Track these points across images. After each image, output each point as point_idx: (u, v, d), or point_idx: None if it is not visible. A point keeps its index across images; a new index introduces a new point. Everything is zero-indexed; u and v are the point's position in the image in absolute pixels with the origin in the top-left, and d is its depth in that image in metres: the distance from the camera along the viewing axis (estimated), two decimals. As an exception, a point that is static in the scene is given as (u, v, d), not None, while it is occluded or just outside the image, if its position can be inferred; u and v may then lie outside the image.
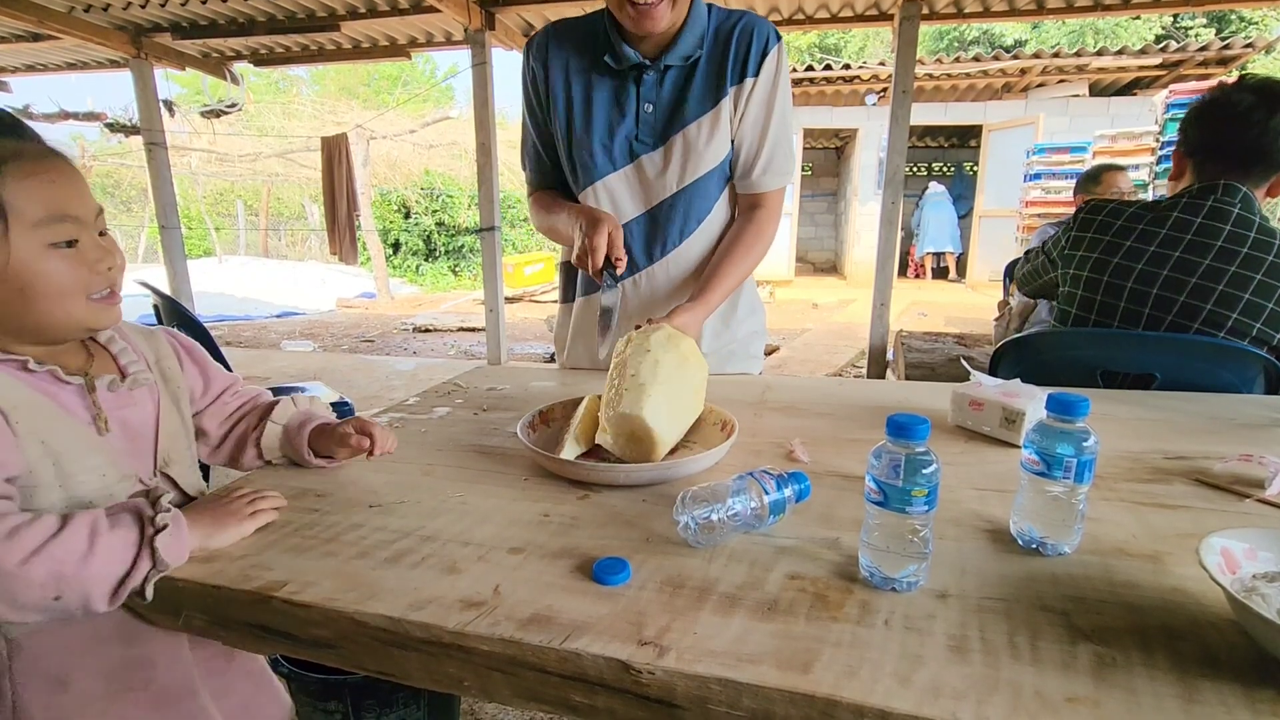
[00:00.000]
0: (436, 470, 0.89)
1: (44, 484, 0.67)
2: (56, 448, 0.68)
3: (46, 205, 0.66)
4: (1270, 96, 1.23)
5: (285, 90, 17.00)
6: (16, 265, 0.65)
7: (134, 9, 4.82)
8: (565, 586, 0.62)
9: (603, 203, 1.22)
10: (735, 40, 1.15)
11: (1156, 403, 1.15)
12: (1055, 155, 7.02)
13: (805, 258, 12.95)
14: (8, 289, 0.65)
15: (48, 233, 0.66)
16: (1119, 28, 12.40)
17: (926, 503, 0.58)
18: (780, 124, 1.20)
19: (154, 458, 0.78)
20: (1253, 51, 7.23)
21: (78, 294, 0.69)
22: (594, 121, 1.19)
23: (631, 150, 1.19)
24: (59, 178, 0.68)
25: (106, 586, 0.62)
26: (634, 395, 0.85)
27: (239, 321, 8.38)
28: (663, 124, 1.18)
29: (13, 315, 0.67)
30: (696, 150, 1.17)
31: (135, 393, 0.77)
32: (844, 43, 15.33)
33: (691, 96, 1.16)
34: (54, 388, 0.71)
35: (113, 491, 0.72)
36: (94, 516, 0.64)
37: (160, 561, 0.63)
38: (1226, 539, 0.57)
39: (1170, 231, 1.34)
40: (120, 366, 0.78)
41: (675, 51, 1.13)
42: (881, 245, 4.60)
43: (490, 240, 5.15)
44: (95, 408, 0.73)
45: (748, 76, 1.15)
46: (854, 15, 4.87)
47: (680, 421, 0.92)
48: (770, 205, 1.25)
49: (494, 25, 4.82)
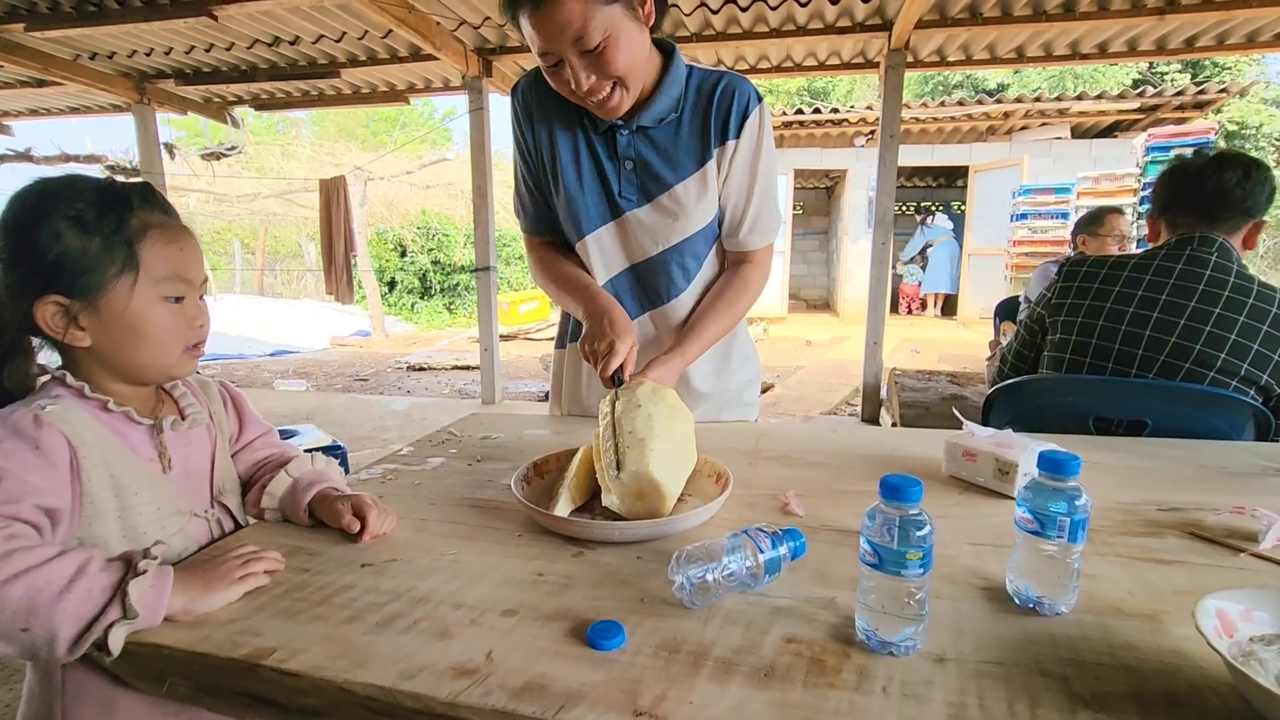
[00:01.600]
0: (429, 526, 0.89)
1: (104, 512, 0.75)
2: (121, 481, 0.77)
3: (171, 266, 0.79)
4: (1219, 158, 1.39)
5: (284, 132, 17.29)
6: (134, 310, 0.77)
7: (139, 56, 4.94)
8: (559, 651, 0.61)
9: (593, 256, 1.23)
10: (717, 102, 1.14)
11: (1148, 450, 1.16)
12: (1040, 196, 7.19)
13: (798, 295, 13.10)
14: (122, 328, 0.77)
15: (165, 287, 0.79)
16: (1098, 73, 12.82)
17: (922, 565, 0.58)
18: (765, 185, 1.20)
19: (210, 489, 0.88)
20: (1227, 96, 7.48)
21: (176, 342, 0.81)
22: (581, 176, 1.19)
23: (616, 205, 1.20)
24: (186, 247, 0.81)
25: (73, 629, 0.61)
26: (637, 452, 0.85)
27: (232, 360, 8.35)
28: (646, 181, 1.17)
29: (120, 352, 0.78)
30: (686, 210, 1.18)
31: (193, 431, 0.87)
32: (833, 86, 15.77)
33: (675, 156, 1.16)
34: (125, 427, 0.80)
35: (165, 524, 0.80)
36: (88, 555, 0.65)
37: (130, 609, 0.62)
38: (1221, 600, 0.57)
39: (1153, 278, 1.38)
40: (180, 409, 0.88)
41: (649, 113, 1.13)
42: (873, 285, 4.66)
43: (485, 280, 5.20)
44: (160, 446, 0.82)
45: (729, 139, 1.15)
46: (841, 63, 5.03)
47: (681, 473, 0.91)
48: (758, 261, 1.26)
49: (491, 72, 4.95)
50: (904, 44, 4.20)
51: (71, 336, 0.76)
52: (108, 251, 0.75)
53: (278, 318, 11.01)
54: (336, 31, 4.47)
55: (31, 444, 0.70)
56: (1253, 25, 4.15)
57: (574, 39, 0.97)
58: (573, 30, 0.96)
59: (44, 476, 0.70)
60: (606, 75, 1.02)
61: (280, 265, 16.58)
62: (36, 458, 0.70)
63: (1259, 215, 1.37)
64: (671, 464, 0.88)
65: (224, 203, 13.68)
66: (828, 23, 4.25)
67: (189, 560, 0.78)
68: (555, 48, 0.98)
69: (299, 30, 4.47)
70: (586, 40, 0.97)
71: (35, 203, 0.75)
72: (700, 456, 0.99)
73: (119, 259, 0.75)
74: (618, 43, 0.99)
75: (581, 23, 0.95)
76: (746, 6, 4.01)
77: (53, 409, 0.73)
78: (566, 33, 0.96)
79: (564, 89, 1.06)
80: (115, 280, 0.75)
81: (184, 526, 0.82)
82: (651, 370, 1.07)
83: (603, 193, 1.20)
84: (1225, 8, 3.74)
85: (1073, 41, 4.46)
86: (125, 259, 0.76)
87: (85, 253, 0.74)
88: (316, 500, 0.89)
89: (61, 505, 0.71)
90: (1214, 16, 3.84)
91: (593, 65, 1.00)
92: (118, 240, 0.75)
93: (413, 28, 3.94)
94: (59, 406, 0.74)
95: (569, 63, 1.00)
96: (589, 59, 1.00)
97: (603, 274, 1.25)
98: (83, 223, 0.74)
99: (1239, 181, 1.34)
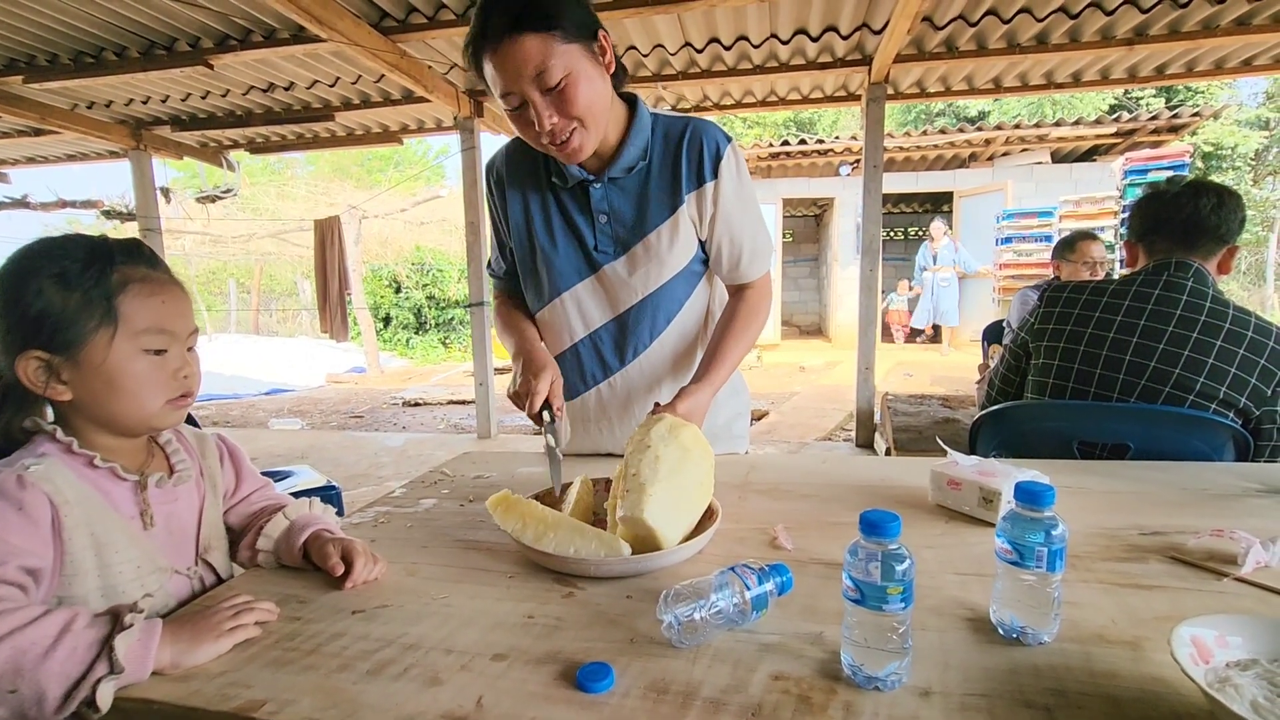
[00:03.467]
0: (421, 570, 0.89)
1: (83, 571, 0.75)
2: (102, 539, 0.76)
3: (151, 319, 0.79)
4: (1192, 186, 1.43)
5: (280, 172, 17.50)
6: (111, 364, 0.77)
7: (135, 104, 5.03)
8: (548, 696, 0.61)
9: (570, 313, 1.25)
10: (686, 148, 1.16)
11: (1130, 474, 1.18)
12: (1024, 220, 7.32)
13: (791, 321, 13.19)
14: (100, 382, 0.77)
15: (145, 340, 0.79)
16: (1075, 99, 13.14)
17: (903, 600, 0.59)
18: (752, 217, 1.24)
19: (196, 546, 0.88)
20: (1200, 119, 7.68)
21: (156, 394, 0.81)
22: (554, 237, 1.22)
23: (593, 260, 1.22)
24: (169, 299, 0.82)
25: (60, 688, 0.61)
26: (635, 498, 0.85)
27: (227, 400, 8.32)
28: (621, 232, 1.20)
29: (100, 405, 0.79)
30: (659, 256, 1.20)
31: (179, 488, 0.87)
32: (818, 117, 16.11)
33: (647, 204, 1.18)
34: (109, 484, 0.80)
35: (145, 581, 0.79)
36: (74, 613, 0.65)
37: (117, 664, 0.63)
38: (1196, 628, 0.58)
39: (1132, 303, 1.41)
40: (171, 465, 0.88)
41: (618, 164, 1.15)
42: (863, 311, 4.71)
43: (480, 315, 5.23)
44: (144, 504, 0.82)
45: (706, 181, 1.17)
46: (824, 96, 5.16)
47: (685, 517, 0.90)
48: (759, 286, 1.29)
49: (482, 112, 5.05)
50: (884, 77, 4.33)
51: (53, 391, 0.77)
52: (86, 306, 0.76)
53: (273, 356, 11.01)
54: (330, 77, 4.57)
55: (15, 505, 0.71)
56: (1220, 53, 4.29)
57: (534, 75, 0.99)
58: (531, 67, 0.99)
59: (26, 537, 0.70)
60: (568, 115, 1.04)
61: (275, 304, 16.63)
62: (20, 519, 0.70)
63: (1232, 240, 1.41)
64: (672, 509, 0.87)
65: (219, 244, 13.78)
66: (809, 59, 4.38)
67: (179, 612, 0.78)
68: (517, 87, 1.01)
69: (293, 76, 4.57)
70: (547, 77, 1.00)
71: (24, 260, 0.77)
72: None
73: (97, 313, 0.76)
74: (577, 81, 1.02)
75: (541, 59, 0.98)
76: (730, 45, 4.14)
77: (36, 469, 0.74)
78: (525, 70, 0.99)
79: (528, 133, 1.08)
80: (93, 334, 0.76)
81: (164, 584, 0.82)
82: (681, 403, 1.07)
83: (579, 249, 1.22)
84: (1192, 37, 3.87)
85: (1047, 72, 4.60)
86: (104, 313, 0.76)
87: (65, 308, 0.75)
88: (310, 540, 0.89)
89: (44, 565, 0.71)
90: (1181, 45, 3.97)
91: (555, 104, 1.03)
92: (97, 295, 0.76)
93: (405, 72, 4.04)
94: (43, 466, 0.75)
95: (531, 102, 1.02)
96: (551, 98, 1.02)
97: (580, 330, 1.27)
98: (65, 279, 0.75)
99: (1213, 208, 1.38)
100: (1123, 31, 3.91)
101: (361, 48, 3.61)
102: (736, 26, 3.95)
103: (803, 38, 4.03)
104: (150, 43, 3.96)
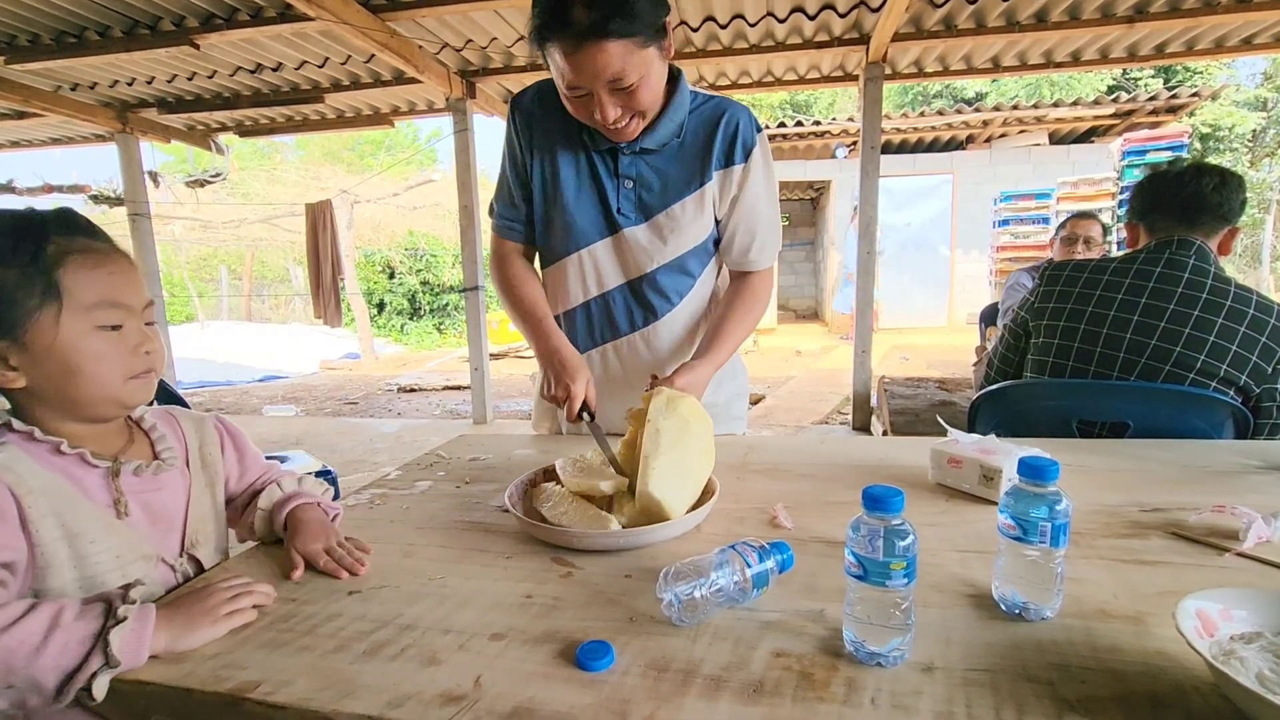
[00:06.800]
0: (417, 551, 0.88)
1: (56, 563, 0.71)
2: (74, 529, 0.72)
3: (99, 292, 0.74)
4: (1196, 166, 1.42)
5: (269, 156, 17.29)
6: (63, 343, 0.72)
7: (120, 86, 4.94)
8: (547, 674, 0.61)
9: (585, 269, 1.25)
10: (721, 129, 1.18)
11: (1131, 451, 1.17)
12: (1021, 202, 7.28)
13: (787, 305, 13.17)
14: (55, 365, 0.72)
15: (97, 315, 0.74)
16: (1073, 80, 13.06)
17: (906, 575, 0.58)
18: (771, 209, 1.25)
19: (181, 539, 0.83)
20: (1199, 100, 7.64)
21: (116, 372, 0.75)
22: (580, 191, 1.21)
23: (614, 222, 1.22)
24: (116, 270, 0.77)
25: (55, 680, 0.61)
26: (639, 471, 0.87)
27: (220, 387, 8.28)
28: (644, 200, 1.20)
29: (58, 389, 0.74)
30: (681, 228, 1.20)
31: (161, 477, 0.82)
32: (814, 99, 15.98)
33: (674, 176, 1.19)
34: (79, 471, 0.75)
35: (127, 571, 0.75)
36: (60, 606, 0.63)
37: (112, 658, 0.62)
38: (1201, 600, 0.57)
39: (1133, 281, 1.40)
40: (156, 452, 0.84)
41: (653, 137, 1.15)
42: (859, 294, 4.69)
43: (474, 300, 5.20)
44: (117, 491, 0.77)
45: (735, 164, 1.18)
46: (821, 77, 5.10)
47: (688, 487, 0.91)
48: (763, 275, 1.30)
49: (474, 94, 4.98)
50: (882, 56, 4.28)
51: (2, 379, 0.72)
52: (24, 284, 0.70)
53: (265, 343, 10.96)
54: (319, 57, 4.49)
55: None
56: (1220, 31, 4.25)
57: (610, 79, 1.00)
58: (610, 72, 0.99)
59: None
60: (632, 109, 1.06)
61: (267, 290, 16.51)
62: None
63: (1234, 221, 1.40)
64: (675, 479, 0.88)
65: (210, 229, 13.64)
66: (806, 38, 4.32)
67: (174, 593, 0.77)
68: (590, 85, 1.02)
69: (281, 57, 4.49)
70: (623, 81, 1.01)
71: None
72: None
73: (36, 290, 0.70)
74: (649, 81, 1.04)
75: (621, 65, 0.99)
76: (726, 24, 4.07)
77: None
78: (603, 75, 0.99)
79: (582, 114, 1.09)
80: (36, 313, 0.71)
81: (149, 572, 0.78)
82: (680, 378, 1.08)
83: (601, 209, 1.22)
84: (1192, 15, 3.83)
85: (1046, 50, 4.55)
86: (44, 289, 0.71)
87: (1, 288, 0.70)
88: (294, 512, 0.88)
89: (17, 559, 0.68)
90: (1182, 23, 3.94)
91: (622, 101, 1.04)
92: (33, 271, 0.71)
93: (395, 52, 3.97)
94: (4, 455, 0.71)
95: (599, 98, 1.03)
96: (620, 95, 1.03)
97: (594, 288, 1.27)
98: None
99: (1215, 187, 1.37)
100: (1123, 9, 3.87)
101: (350, 26, 3.55)
102: (733, 4, 3.89)
103: (800, 15, 3.97)
104: (134, 21, 3.88)
